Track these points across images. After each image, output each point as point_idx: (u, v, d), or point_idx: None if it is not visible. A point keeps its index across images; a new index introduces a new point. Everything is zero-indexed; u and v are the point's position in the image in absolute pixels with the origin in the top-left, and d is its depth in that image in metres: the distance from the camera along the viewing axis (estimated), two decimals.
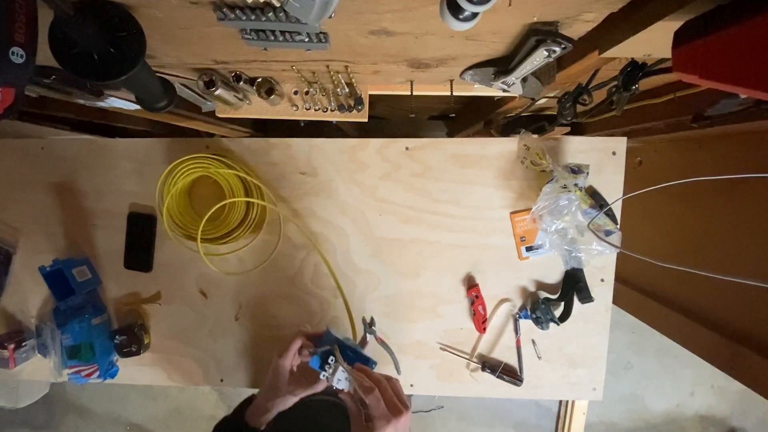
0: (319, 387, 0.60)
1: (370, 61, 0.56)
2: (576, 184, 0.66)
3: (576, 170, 0.69)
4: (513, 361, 0.81)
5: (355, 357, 0.58)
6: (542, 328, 0.76)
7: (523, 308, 0.78)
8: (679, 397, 1.83)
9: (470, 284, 0.79)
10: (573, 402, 1.74)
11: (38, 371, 0.84)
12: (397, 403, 0.49)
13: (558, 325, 0.76)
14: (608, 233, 0.66)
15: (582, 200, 0.66)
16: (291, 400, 0.61)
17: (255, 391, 0.71)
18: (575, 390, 0.80)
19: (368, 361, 0.58)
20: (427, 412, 1.87)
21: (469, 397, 0.81)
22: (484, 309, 0.78)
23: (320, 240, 0.80)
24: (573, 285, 0.75)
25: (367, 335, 0.77)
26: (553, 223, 0.68)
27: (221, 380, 0.85)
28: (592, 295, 0.74)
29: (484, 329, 0.78)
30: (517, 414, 1.87)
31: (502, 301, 0.79)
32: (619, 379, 1.83)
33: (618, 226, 0.72)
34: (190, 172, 0.72)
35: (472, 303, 0.78)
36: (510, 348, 0.80)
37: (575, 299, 0.75)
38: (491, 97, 0.85)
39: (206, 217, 0.71)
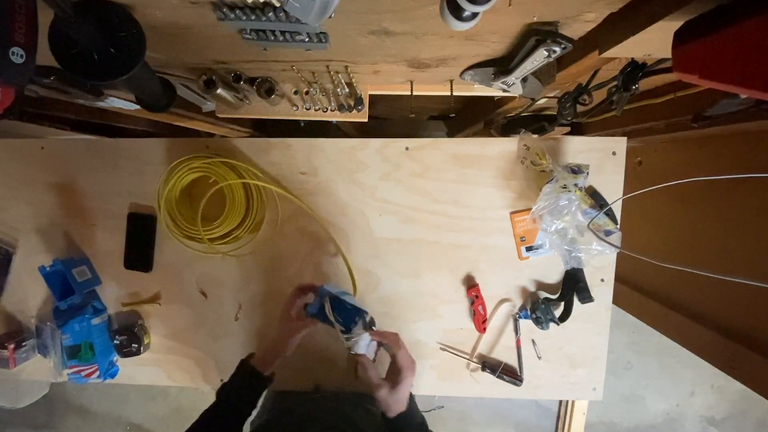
0: (311, 327, 0.66)
1: (370, 61, 0.56)
2: (576, 184, 0.66)
3: (576, 170, 0.69)
4: (513, 361, 0.81)
5: (351, 308, 0.64)
6: (542, 328, 0.76)
7: (523, 308, 0.78)
8: (679, 397, 1.83)
9: (470, 284, 0.79)
10: (573, 402, 1.74)
11: (38, 371, 0.84)
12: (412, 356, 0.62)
13: (558, 325, 0.76)
14: (608, 233, 0.66)
15: (582, 200, 0.66)
16: (295, 341, 0.66)
17: None
18: (575, 390, 0.80)
19: (360, 311, 0.64)
20: (427, 412, 1.86)
21: (469, 397, 0.81)
22: (484, 309, 0.78)
23: (320, 240, 0.80)
24: (573, 285, 0.75)
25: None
26: (553, 223, 0.68)
27: (221, 380, 0.84)
28: (592, 295, 0.74)
29: (484, 329, 0.78)
30: (517, 414, 1.87)
31: (502, 301, 0.79)
32: (619, 379, 1.83)
33: (618, 226, 0.72)
34: (189, 172, 0.72)
35: (472, 303, 0.78)
36: (510, 348, 0.80)
37: (575, 299, 0.75)
38: (491, 97, 0.85)
39: (224, 218, 0.71)
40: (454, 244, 0.78)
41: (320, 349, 0.82)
